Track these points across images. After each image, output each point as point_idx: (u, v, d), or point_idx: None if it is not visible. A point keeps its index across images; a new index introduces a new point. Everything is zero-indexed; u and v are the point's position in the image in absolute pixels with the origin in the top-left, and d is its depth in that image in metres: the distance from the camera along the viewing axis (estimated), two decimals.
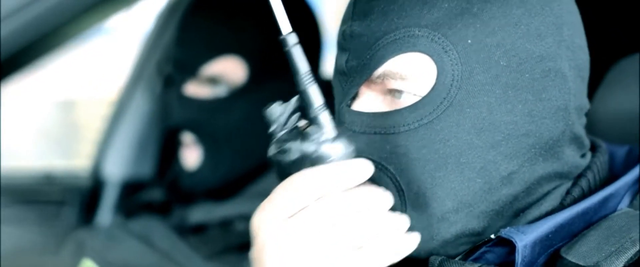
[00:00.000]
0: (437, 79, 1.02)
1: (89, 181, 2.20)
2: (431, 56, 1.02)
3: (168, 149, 2.00)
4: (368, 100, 1.06)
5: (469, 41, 1.02)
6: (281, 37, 0.99)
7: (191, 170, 1.83)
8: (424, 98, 1.02)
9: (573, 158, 1.09)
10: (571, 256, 1.03)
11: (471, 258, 1.08)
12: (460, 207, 1.04)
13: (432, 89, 1.02)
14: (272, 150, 0.99)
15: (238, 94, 1.79)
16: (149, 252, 1.75)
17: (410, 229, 1.04)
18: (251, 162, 1.83)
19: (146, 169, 2.17)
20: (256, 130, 1.81)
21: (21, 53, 1.01)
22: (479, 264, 1.05)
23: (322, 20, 1.91)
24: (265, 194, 1.78)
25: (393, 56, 1.03)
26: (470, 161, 1.03)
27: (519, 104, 1.04)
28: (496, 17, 1.03)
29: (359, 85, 1.05)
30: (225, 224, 1.77)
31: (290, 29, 1.00)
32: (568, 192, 1.10)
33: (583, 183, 1.10)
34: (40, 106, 4.37)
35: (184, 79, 1.82)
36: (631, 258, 1.02)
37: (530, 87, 1.04)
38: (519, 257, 1.03)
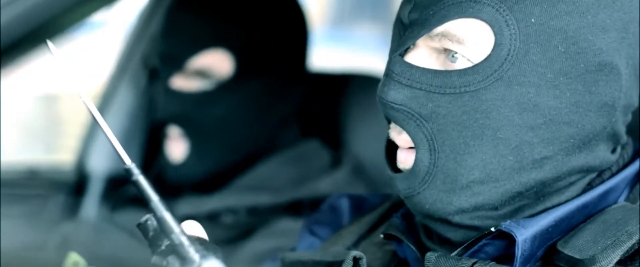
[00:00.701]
0: (493, 50, 1.02)
1: (73, 175, 2.19)
2: (492, 26, 1.03)
3: (153, 142, 2.00)
4: (421, 55, 1.06)
5: (533, 20, 1.02)
6: (125, 167, 0.96)
7: (177, 163, 1.83)
8: (476, 65, 1.03)
9: (605, 153, 1.09)
10: (568, 250, 1.03)
11: (471, 250, 1.08)
12: (487, 180, 1.04)
13: (486, 58, 1.02)
14: (155, 260, 0.98)
15: (224, 88, 1.79)
16: (136, 245, 1.75)
17: (435, 190, 1.05)
18: (237, 156, 1.83)
19: (122, 165, 2.16)
20: (242, 124, 1.82)
21: (9, 48, 1.00)
22: (475, 260, 1.05)
23: (307, 14, 1.91)
24: (251, 187, 1.80)
25: (455, 18, 1.03)
26: (506, 137, 1.03)
27: (567, 92, 1.03)
28: (565, 1, 1.03)
29: (416, 38, 1.05)
30: (212, 217, 1.77)
31: (129, 161, 0.97)
32: (590, 183, 1.10)
33: (606, 176, 1.10)
34: (21, 101, 4.35)
35: (170, 72, 1.81)
36: (627, 251, 1.02)
37: (583, 78, 1.04)
38: (518, 251, 1.03)
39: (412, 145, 1.06)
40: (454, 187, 1.05)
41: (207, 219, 1.78)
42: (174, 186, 1.84)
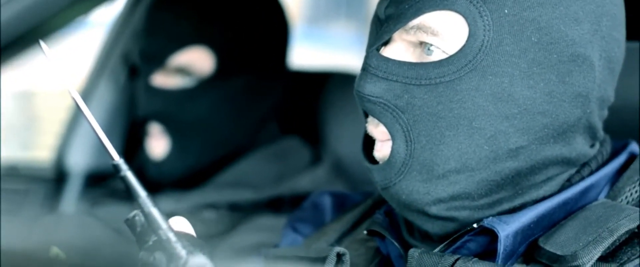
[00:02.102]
0: (467, 41, 1.04)
1: (52, 171, 2.19)
2: (466, 18, 1.05)
3: (134, 139, 2.00)
4: (398, 49, 1.08)
5: (506, 11, 1.05)
6: (113, 162, 0.97)
7: (158, 160, 1.83)
8: (451, 56, 1.05)
9: (582, 146, 1.11)
10: (549, 246, 1.04)
11: (453, 247, 1.09)
12: (463, 170, 1.06)
13: (461, 49, 1.04)
14: (142, 256, 0.99)
15: (205, 85, 1.80)
16: (118, 240, 1.75)
17: (411, 181, 1.06)
18: (218, 152, 1.84)
19: (110, 160, 2.16)
20: (223, 121, 1.82)
21: (4, 47, 1.01)
22: (457, 257, 1.06)
23: (288, 12, 1.92)
24: (232, 183, 1.81)
25: (430, 11, 1.05)
26: (481, 127, 1.05)
27: (541, 82, 1.05)
28: None
29: (392, 32, 1.08)
30: (193, 213, 1.78)
31: (118, 157, 0.98)
32: (569, 180, 1.11)
33: (585, 173, 1.12)
34: None
35: (151, 69, 1.82)
36: (608, 248, 1.04)
37: (556, 68, 1.06)
38: (500, 247, 1.05)
39: (389, 137, 1.08)
40: (431, 177, 1.07)
41: (187, 215, 1.78)
42: (155, 182, 1.85)
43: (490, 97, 1.05)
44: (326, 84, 1.99)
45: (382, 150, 1.10)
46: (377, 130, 1.10)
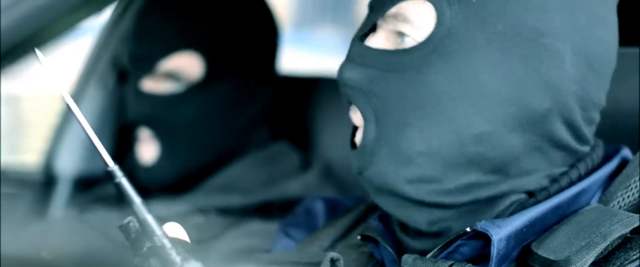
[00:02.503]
0: (434, 28, 1.08)
1: (41, 176, 2.19)
2: (434, 5, 1.08)
3: (123, 144, 2.00)
4: (379, 38, 1.12)
5: (473, 0, 1.07)
6: (108, 169, 0.98)
7: (147, 165, 1.83)
8: (420, 43, 1.08)
9: (568, 144, 1.12)
10: (542, 251, 1.05)
11: (446, 251, 1.10)
12: (427, 152, 1.08)
13: (428, 36, 1.08)
14: (136, 262, 0.99)
15: (195, 90, 1.80)
16: (107, 245, 1.75)
17: (382, 163, 1.09)
18: (207, 157, 1.83)
19: (99, 165, 2.15)
20: (213, 126, 1.82)
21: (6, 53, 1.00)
22: (451, 263, 1.07)
23: (277, 17, 1.92)
24: (221, 188, 1.81)
25: (406, 0, 1.09)
26: (444, 110, 1.07)
27: (506, 70, 1.07)
28: None
29: (372, 21, 1.12)
30: (182, 218, 1.78)
31: (112, 163, 0.98)
32: (557, 180, 1.12)
33: (574, 175, 1.13)
34: None
35: (140, 74, 1.82)
36: (601, 253, 1.04)
37: (521, 57, 1.07)
38: (494, 251, 1.06)
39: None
40: (398, 159, 1.09)
41: (177, 220, 1.78)
42: (144, 187, 1.84)
43: (453, 81, 1.07)
44: (316, 89, 1.99)
45: (359, 135, 1.14)
46: (356, 116, 1.14)
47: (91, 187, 2.04)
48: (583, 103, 1.11)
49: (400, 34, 1.10)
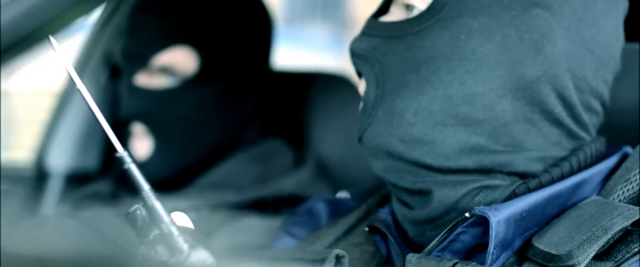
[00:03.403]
0: None
1: (32, 172, 2.17)
2: None
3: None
4: (391, 14, 1.19)
5: None
6: (117, 155, 0.98)
7: (141, 161, 1.82)
8: (422, 12, 1.13)
9: (562, 120, 1.13)
10: (543, 245, 1.05)
11: (448, 239, 1.10)
12: (420, 111, 1.12)
13: (430, 4, 1.13)
14: (143, 250, 0.98)
15: (188, 85, 1.79)
16: (99, 242, 1.74)
17: (378, 123, 1.14)
18: (201, 153, 1.83)
19: (92, 162, 2.15)
20: (206, 121, 1.81)
21: (9, 46, 1.00)
22: (456, 261, 1.07)
23: (271, 13, 1.91)
24: (215, 185, 1.80)
25: None
26: (438, 71, 1.11)
27: (498, 35, 1.11)
28: None
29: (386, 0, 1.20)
30: None
31: (122, 149, 0.98)
32: (557, 164, 1.13)
33: (574, 162, 1.14)
34: None
35: (134, 69, 1.80)
36: (603, 246, 1.04)
37: (513, 24, 1.11)
38: (492, 232, 1.06)
39: None
40: (392, 118, 1.13)
41: (178, 211, 1.77)
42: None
43: (448, 45, 1.11)
44: (311, 86, 1.98)
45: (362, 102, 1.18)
46: (361, 85, 1.18)
47: (83, 183, 2.02)
48: (578, 82, 1.13)
49: (409, 7, 1.16)
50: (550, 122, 1.13)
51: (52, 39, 0.96)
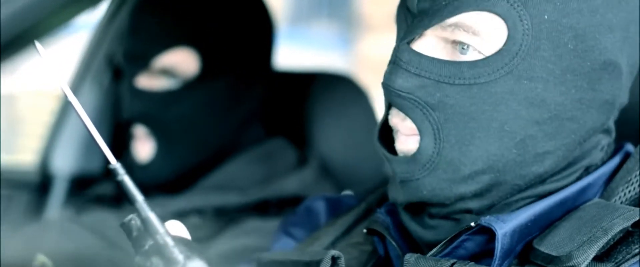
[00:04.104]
0: (505, 43, 1.04)
1: (36, 176, 2.18)
2: (506, 21, 1.04)
3: (119, 142, 1.99)
4: (429, 44, 1.08)
5: (546, 17, 1.04)
6: (110, 166, 0.97)
7: (143, 163, 1.81)
8: (487, 58, 1.05)
9: (600, 149, 1.13)
10: (544, 247, 1.04)
11: (451, 246, 1.09)
12: (488, 171, 1.07)
13: (498, 52, 1.04)
14: (138, 261, 0.97)
15: (191, 86, 1.79)
16: (103, 245, 1.74)
17: (436, 178, 1.07)
18: (203, 155, 1.82)
19: (95, 164, 2.15)
20: (208, 123, 1.81)
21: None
22: (454, 261, 1.06)
23: (272, 13, 1.91)
24: (218, 187, 1.79)
25: (469, 10, 1.05)
26: (512, 130, 1.05)
27: (573, 88, 1.06)
28: (577, 0, 1.05)
29: (427, 28, 1.07)
30: (180, 218, 1.76)
31: (115, 161, 0.97)
32: (579, 178, 1.12)
33: (592, 171, 1.13)
34: None
35: (135, 71, 1.80)
36: (603, 247, 1.04)
37: (588, 75, 1.06)
38: (498, 245, 1.05)
39: (416, 132, 1.08)
40: (456, 176, 1.07)
41: (174, 220, 1.77)
42: (141, 186, 1.83)
43: (523, 102, 1.05)
44: (313, 86, 1.98)
45: (408, 144, 1.09)
46: (403, 124, 1.10)
47: (88, 187, 2.02)
48: (620, 107, 1.13)
49: (460, 44, 1.06)
50: (603, 133, 1.13)
51: (37, 43, 0.95)
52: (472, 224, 1.08)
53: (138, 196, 0.97)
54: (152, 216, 0.96)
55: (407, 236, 1.16)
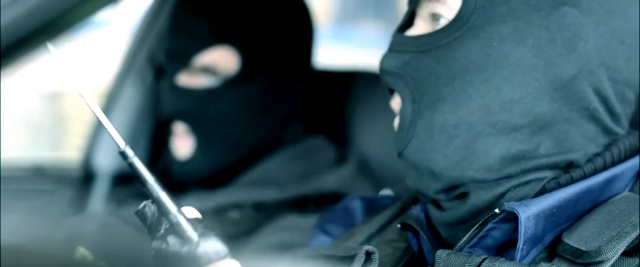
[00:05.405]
0: (462, 5, 1.11)
1: (80, 172, 2.20)
2: None
3: (159, 139, 2.01)
4: (417, 27, 1.17)
5: None
6: (120, 150, 0.98)
7: (183, 160, 1.83)
8: (449, 22, 1.12)
9: (599, 116, 1.13)
10: (573, 241, 1.05)
11: (479, 235, 1.10)
12: (459, 123, 1.11)
13: (457, 14, 1.11)
14: (155, 245, 0.99)
15: (230, 84, 1.80)
16: (143, 240, 1.76)
17: (418, 139, 1.12)
18: (243, 152, 1.84)
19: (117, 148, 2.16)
20: (248, 120, 1.82)
21: (16, 45, 1.01)
22: (484, 257, 1.07)
23: (312, 11, 1.92)
24: (257, 183, 1.81)
25: None
26: (473, 81, 1.10)
27: (529, 38, 1.10)
28: None
29: (411, 10, 1.19)
30: (218, 213, 1.78)
31: (124, 143, 0.98)
32: (591, 160, 1.13)
33: (608, 158, 1.13)
34: (26, 98, 4.35)
35: (176, 69, 1.82)
36: (632, 242, 1.04)
37: (543, 25, 1.10)
38: (522, 228, 1.06)
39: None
40: (433, 132, 1.12)
41: (213, 215, 1.79)
42: (180, 182, 1.85)
43: (480, 54, 1.10)
44: (353, 84, 1.99)
45: (397, 120, 1.17)
46: (395, 102, 1.17)
47: (129, 182, 2.04)
48: (612, 74, 1.13)
49: (435, 16, 1.14)
50: (587, 118, 1.12)
51: (49, 44, 0.97)
52: (497, 210, 1.09)
53: (149, 177, 0.98)
54: (164, 196, 0.97)
55: (436, 234, 1.17)
